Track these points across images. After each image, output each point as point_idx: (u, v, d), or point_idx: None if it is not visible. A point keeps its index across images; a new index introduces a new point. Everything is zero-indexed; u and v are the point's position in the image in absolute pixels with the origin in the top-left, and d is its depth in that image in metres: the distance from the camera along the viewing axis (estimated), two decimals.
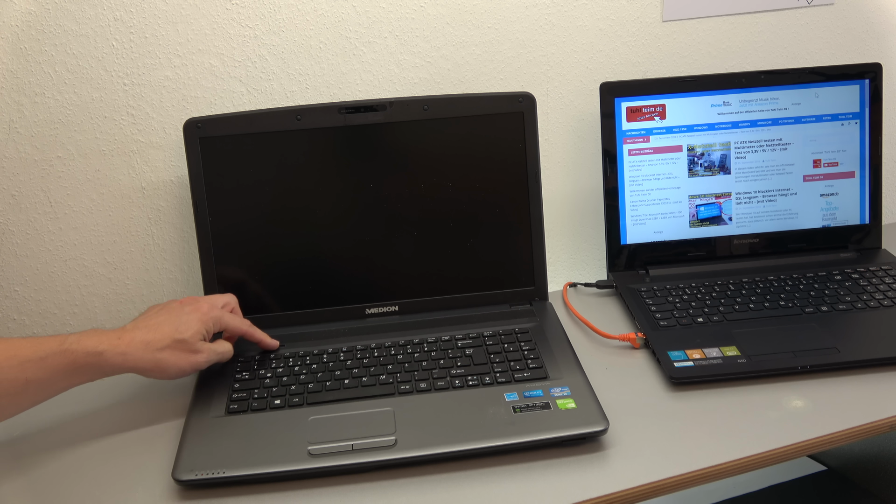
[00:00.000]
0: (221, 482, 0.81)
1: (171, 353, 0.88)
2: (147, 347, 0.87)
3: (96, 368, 0.85)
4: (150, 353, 0.87)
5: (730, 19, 1.24)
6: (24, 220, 1.06)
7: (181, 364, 0.89)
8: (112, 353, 0.85)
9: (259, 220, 1.04)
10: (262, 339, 1.00)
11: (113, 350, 0.85)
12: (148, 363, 0.87)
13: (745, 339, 0.99)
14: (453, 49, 1.15)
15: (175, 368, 0.89)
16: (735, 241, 1.18)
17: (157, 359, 0.87)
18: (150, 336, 0.88)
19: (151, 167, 1.08)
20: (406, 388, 0.92)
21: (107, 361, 0.85)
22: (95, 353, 0.84)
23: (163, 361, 0.88)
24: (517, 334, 1.01)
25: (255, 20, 1.07)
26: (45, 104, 1.02)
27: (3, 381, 0.81)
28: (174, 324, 0.90)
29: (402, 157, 1.05)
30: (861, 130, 1.18)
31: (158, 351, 0.88)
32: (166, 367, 0.88)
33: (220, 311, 0.95)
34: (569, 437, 0.83)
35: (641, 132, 1.15)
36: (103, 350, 0.85)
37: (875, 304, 1.05)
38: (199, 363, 0.91)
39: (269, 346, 1.00)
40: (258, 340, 0.99)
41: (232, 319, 0.96)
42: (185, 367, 0.90)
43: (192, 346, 0.90)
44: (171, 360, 0.88)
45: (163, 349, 0.88)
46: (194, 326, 0.91)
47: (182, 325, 0.90)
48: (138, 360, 0.87)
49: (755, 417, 0.88)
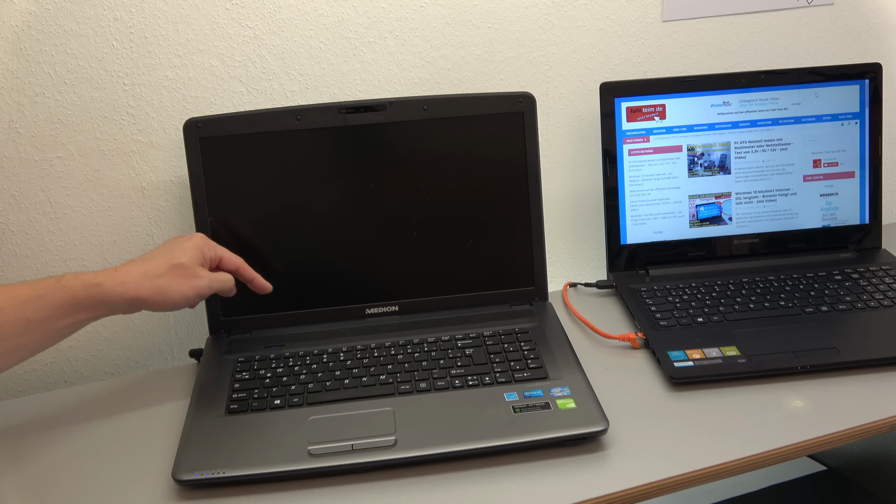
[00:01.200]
0: (221, 482, 0.81)
1: (171, 279, 0.87)
2: (146, 275, 0.86)
3: (97, 301, 0.83)
4: (150, 281, 0.86)
5: (730, 19, 1.24)
6: (24, 220, 1.06)
7: (183, 289, 0.88)
8: (111, 282, 0.84)
9: (259, 220, 1.04)
10: (254, 277, 0.98)
11: (111, 280, 0.84)
12: (149, 290, 0.86)
13: (745, 339, 0.99)
14: (453, 49, 1.15)
15: (177, 293, 0.87)
16: (735, 241, 1.18)
17: (158, 285, 0.86)
18: (147, 265, 0.87)
19: (151, 167, 1.08)
20: (406, 388, 0.92)
21: (106, 292, 0.83)
22: (94, 283, 0.83)
23: (164, 287, 0.86)
24: (517, 334, 1.01)
25: (255, 20, 1.07)
26: (45, 104, 1.02)
27: (4, 322, 0.79)
28: (170, 251, 0.90)
29: (402, 157, 1.05)
30: (861, 130, 1.18)
31: (157, 277, 0.86)
32: (168, 292, 0.87)
33: (213, 243, 0.95)
34: (569, 437, 0.83)
35: (641, 132, 1.15)
36: (101, 281, 0.84)
37: (875, 304, 1.05)
38: (200, 287, 0.89)
39: (262, 287, 0.99)
40: (250, 279, 0.98)
41: (227, 251, 0.96)
42: (186, 292, 0.88)
43: (192, 270, 0.89)
44: (173, 285, 0.87)
45: (162, 275, 0.87)
46: (190, 252, 0.91)
47: (178, 251, 0.90)
48: (139, 288, 0.85)
49: (755, 417, 0.88)
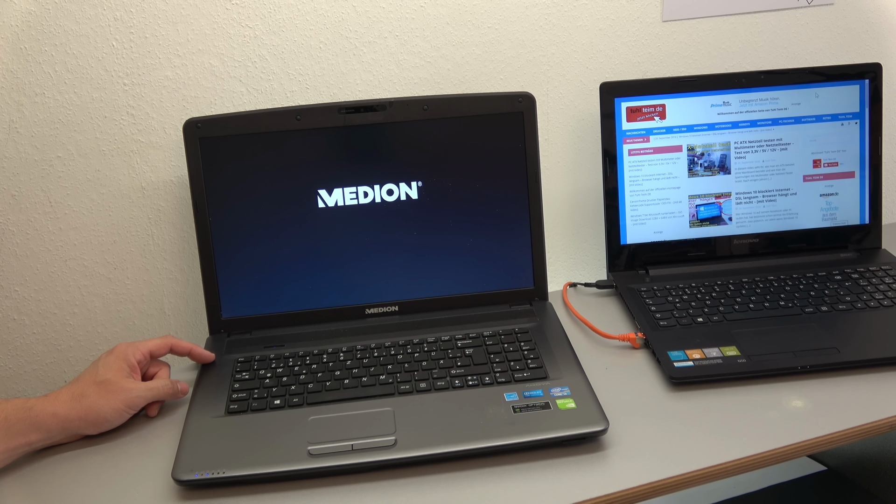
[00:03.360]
0: (221, 482, 0.81)
1: (97, 397, 0.87)
2: (73, 397, 0.86)
3: (29, 424, 0.83)
4: (77, 402, 0.86)
5: (730, 19, 1.24)
6: (24, 220, 1.06)
7: (112, 404, 0.87)
8: (41, 406, 0.84)
9: (259, 219, 1.04)
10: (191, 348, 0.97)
11: (42, 404, 0.84)
12: (78, 412, 0.86)
13: (745, 339, 0.99)
14: (453, 49, 1.15)
15: (108, 409, 0.87)
16: (735, 241, 1.18)
17: (86, 406, 0.86)
18: (73, 388, 0.87)
19: (151, 167, 1.08)
20: (406, 388, 0.92)
21: (38, 415, 0.84)
22: (25, 407, 0.84)
23: (93, 407, 0.86)
24: (517, 334, 1.01)
25: (255, 20, 1.07)
26: (45, 104, 1.02)
27: None
28: (94, 371, 0.89)
29: (402, 157, 1.05)
30: (861, 130, 1.18)
31: (84, 398, 0.86)
32: (97, 410, 0.86)
33: (137, 343, 0.93)
34: (569, 437, 0.83)
35: (641, 132, 1.15)
36: (32, 405, 0.84)
37: (875, 304, 1.05)
38: (130, 399, 0.88)
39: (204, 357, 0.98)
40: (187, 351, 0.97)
41: (152, 341, 0.95)
42: (117, 406, 0.87)
43: (118, 384, 0.88)
44: (101, 402, 0.86)
45: (88, 395, 0.86)
46: (114, 366, 0.89)
47: (101, 369, 0.89)
48: (69, 411, 0.85)
49: (755, 417, 0.88)
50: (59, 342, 1.11)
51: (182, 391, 0.95)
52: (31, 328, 1.10)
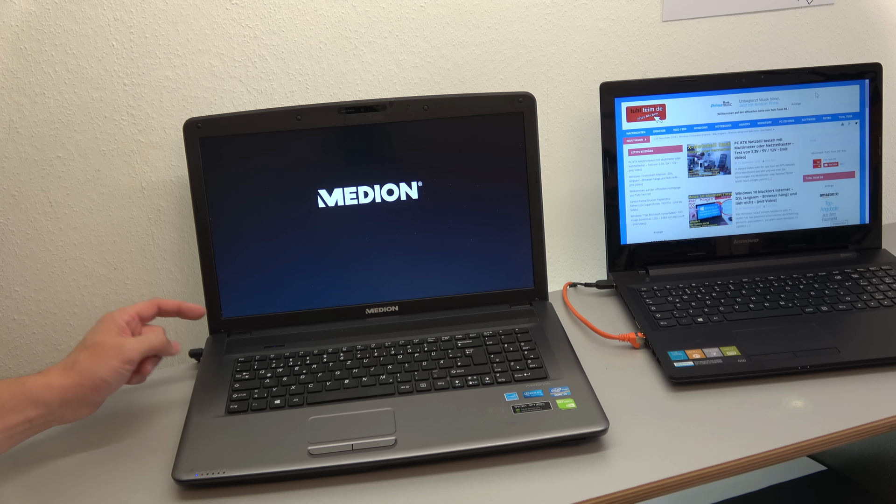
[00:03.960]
0: (221, 482, 0.81)
1: (88, 360, 0.84)
2: (64, 367, 0.84)
3: (24, 399, 0.81)
4: (69, 369, 0.83)
5: (730, 19, 1.24)
6: (24, 220, 1.06)
7: (105, 362, 0.84)
8: (33, 382, 0.82)
9: (259, 219, 1.04)
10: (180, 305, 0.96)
11: (33, 380, 0.82)
12: (72, 377, 0.83)
13: (745, 339, 0.99)
14: (453, 49, 1.15)
15: (103, 368, 0.84)
16: (735, 241, 1.18)
17: (79, 370, 0.83)
18: (65, 360, 0.85)
19: (151, 167, 1.08)
20: (406, 388, 0.92)
21: (31, 388, 0.81)
22: (18, 382, 0.82)
23: (86, 370, 0.83)
24: (517, 334, 1.01)
25: (255, 20, 1.07)
26: (45, 104, 1.02)
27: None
28: (81, 341, 0.87)
29: (402, 157, 1.05)
30: (861, 130, 1.18)
31: (75, 364, 0.84)
32: (91, 371, 0.83)
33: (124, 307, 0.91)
34: (569, 437, 0.83)
35: (641, 132, 1.15)
36: (25, 380, 0.82)
37: (875, 304, 1.05)
38: (125, 352, 0.85)
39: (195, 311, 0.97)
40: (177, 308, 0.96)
41: (140, 304, 0.93)
42: (111, 363, 0.84)
43: (107, 342, 0.85)
44: (93, 363, 0.84)
45: (78, 361, 0.84)
46: (101, 328, 0.87)
47: (88, 336, 0.87)
48: (64, 381, 0.83)
49: (755, 417, 0.88)
50: (59, 342, 1.11)
51: (176, 349, 0.93)
52: (31, 328, 1.10)
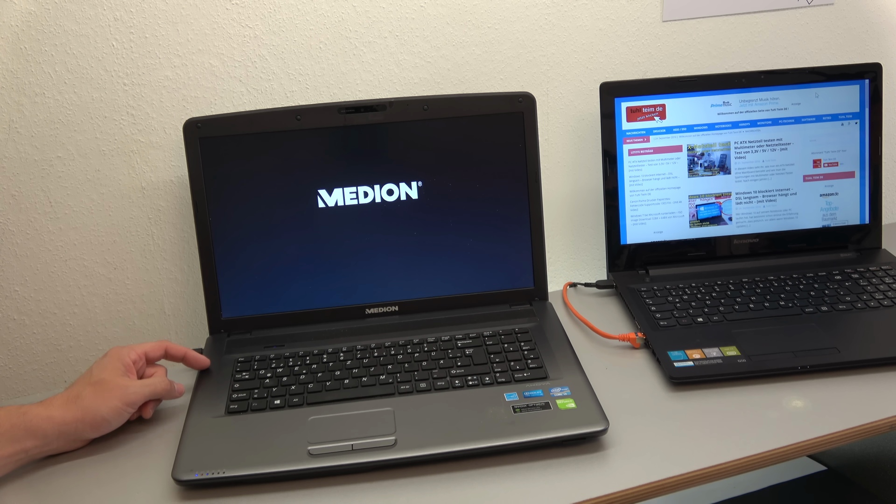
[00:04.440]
0: (221, 482, 0.81)
1: (93, 397, 0.84)
2: (67, 400, 0.84)
3: (23, 430, 0.81)
4: (73, 403, 0.84)
5: (730, 19, 1.24)
6: (24, 220, 1.06)
7: (109, 402, 0.85)
8: (34, 413, 0.82)
9: (259, 220, 1.04)
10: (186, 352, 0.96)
11: (36, 409, 0.82)
12: (74, 413, 0.83)
13: (745, 339, 0.99)
14: (453, 49, 1.15)
15: (105, 407, 0.85)
16: (735, 241, 1.18)
17: (82, 406, 0.84)
18: (68, 392, 0.86)
19: (151, 167, 1.08)
20: (406, 388, 0.92)
21: (32, 419, 0.81)
22: (18, 413, 0.81)
23: (89, 407, 0.84)
24: (517, 334, 1.01)
25: (255, 20, 1.07)
26: (45, 104, 1.02)
27: None
28: (87, 373, 0.88)
29: (402, 157, 1.05)
30: (861, 130, 1.18)
31: (79, 399, 0.84)
32: (94, 409, 0.84)
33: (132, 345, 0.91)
34: (569, 437, 0.83)
35: (641, 132, 1.15)
36: (26, 410, 0.82)
37: (875, 304, 1.05)
38: (127, 395, 0.86)
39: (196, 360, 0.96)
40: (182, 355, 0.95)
41: (148, 344, 0.93)
42: (114, 404, 0.85)
43: (113, 382, 0.86)
44: (97, 401, 0.84)
45: (83, 396, 0.84)
46: (108, 366, 0.88)
47: (95, 370, 0.88)
48: (64, 413, 0.83)
49: (755, 417, 0.88)
50: (59, 342, 1.11)
51: (179, 392, 0.93)
52: (31, 328, 1.10)
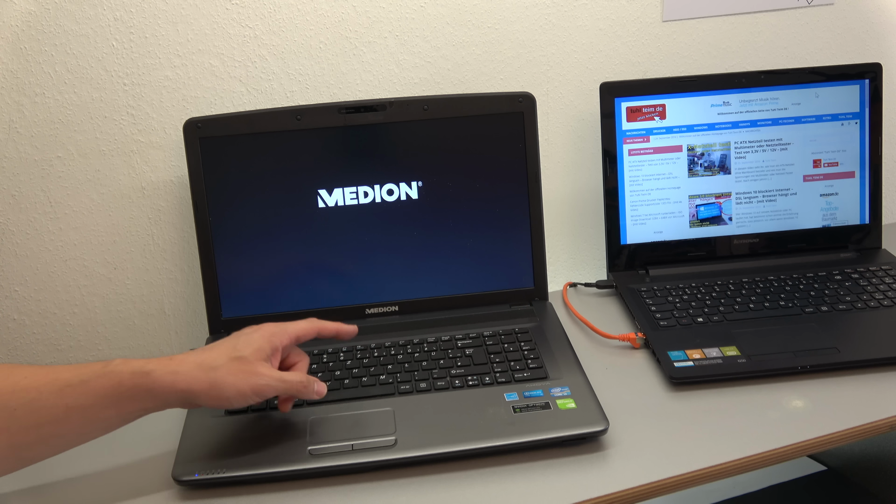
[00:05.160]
0: (221, 482, 0.81)
1: (227, 372, 0.78)
2: (201, 366, 0.78)
3: (145, 391, 0.76)
4: (204, 373, 0.78)
5: (730, 19, 1.24)
6: (24, 220, 1.06)
7: (239, 385, 0.78)
8: (161, 371, 0.77)
9: (259, 219, 1.04)
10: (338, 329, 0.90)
11: (163, 369, 0.77)
12: (202, 383, 0.77)
13: (745, 339, 0.99)
14: (453, 49, 1.15)
15: (232, 389, 0.78)
16: (735, 241, 1.18)
17: (212, 378, 0.78)
18: (204, 355, 0.80)
19: (151, 167, 1.08)
20: (406, 388, 0.92)
21: (156, 381, 0.76)
22: (142, 372, 0.76)
23: (218, 381, 0.78)
24: (517, 334, 1.01)
25: (255, 20, 1.07)
26: (45, 104, 1.02)
27: (42, 407, 0.73)
28: (233, 342, 0.82)
29: (402, 157, 1.05)
30: (861, 130, 1.18)
31: (213, 370, 0.78)
32: (222, 386, 0.78)
33: (285, 325, 0.86)
34: (569, 437, 0.83)
35: (641, 132, 1.15)
36: (151, 369, 0.76)
37: (875, 304, 1.05)
38: (259, 386, 0.80)
39: (349, 332, 0.91)
40: (335, 332, 0.90)
41: (301, 326, 0.87)
42: (243, 388, 0.79)
43: (253, 365, 0.80)
44: (228, 379, 0.78)
45: (218, 367, 0.78)
46: (255, 343, 0.82)
47: (241, 343, 0.82)
48: (192, 380, 0.77)
49: (755, 417, 0.88)
50: (59, 342, 1.11)
51: (319, 392, 0.85)
52: (31, 328, 1.10)
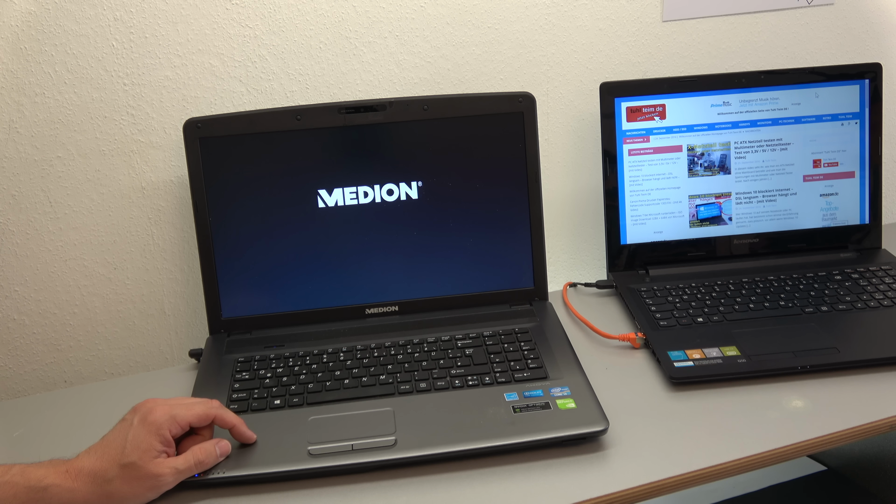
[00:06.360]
0: (221, 482, 0.81)
1: (121, 483, 0.75)
2: (95, 480, 0.75)
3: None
4: (100, 486, 0.75)
5: (730, 19, 1.24)
6: (24, 220, 1.06)
7: (137, 492, 0.76)
8: (59, 488, 0.74)
9: (259, 220, 1.04)
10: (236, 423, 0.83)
11: (60, 485, 0.74)
12: (99, 497, 0.75)
13: (745, 339, 0.99)
14: (453, 49, 1.15)
15: (131, 496, 0.76)
16: (735, 241, 1.18)
17: (108, 492, 0.75)
18: (97, 465, 0.75)
19: (151, 167, 1.08)
20: (406, 388, 0.92)
21: (53, 497, 0.73)
22: (39, 487, 0.73)
23: (115, 493, 0.75)
24: (517, 334, 1.01)
25: (255, 20, 1.07)
26: (45, 104, 1.02)
27: None
28: (120, 445, 0.77)
29: (402, 157, 1.05)
30: (861, 130, 1.18)
31: (107, 482, 0.75)
32: (121, 497, 0.75)
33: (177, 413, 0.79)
34: (569, 437, 0.83)
35: (641, 132, 1.15)
36: (48, 485, 0.73)
37: (875, 304, 1.05)
38: (156, 486, 0.77)
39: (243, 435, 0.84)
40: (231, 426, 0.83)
41: (193, 412, 0.81)
42: (141, 493, 0.76)
43: (144, 469, 0.75)
44: (124, 489, 0.75)
45: (111, 479, 0.75)
46: (144, 443, 0.76)
47: (128, 446, 0.76)
48: (88, 495, 0.74)
49: (755, 417, 0.88)
50: (59, 342, 1.11)
51: (221, 455, 0.81)
52: (31, 328, 1.10)
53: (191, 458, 0.79)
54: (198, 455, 0.79)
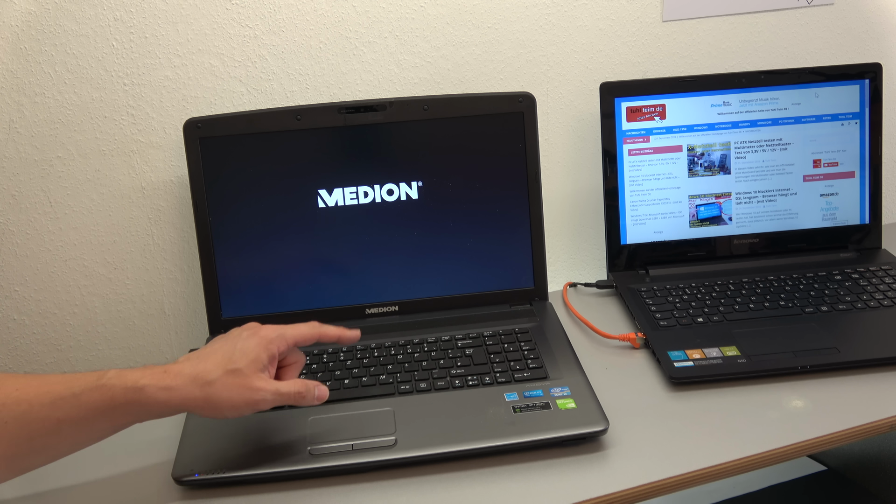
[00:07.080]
0: (221, 482, 0.81)
1: (223, 387, 0.75)
2: (195, 380, 0.74)
3: (139, 406, 0.73)
4: (199, 388, 0.74)
5: (730, 19, 1.24)
6: (24, 220, 1.06)
7: (235, 401, 0.75)
8: (155, 387, 0.73)
9: (259, 219, 1.04)
10: (340, 334, 0.86)
11: (156, 384, 0.73)
12: (196, 399, 0.74)
13: (745, 339, 0.99)
14: (453, 49, 1.15)
15: (228, 405, 0.75)
16: (735, 241, 1.18)
17: (207, 394, 0.74)
18: (199, 367, 0.76)
19: (151, 167, 1.08)
20: (406, 388, 0.92)
21: (150, 397, 0.73)
22: (136, 388, 0.73)
23: (213, 396, 0.74)
24: (517, 334, 1.01)
25: (255, 20, 1.07)
26: (45, 104, 1.02)
27: (34, 420, 0.71)
28: (228, 351, 0.77)
29: (402, 157, 1.05)
30: (861, 130, 1.18)
31: (208, 385, 0.75)
32: (218, 402, 0.75)
33: (285, 331, 0.81)
34: (569, 437, 0.83)
35: (641, 132, 1.15)
36: (145, 385, 0.73)
37: (875, 304, 1.05)
38: (256, 402, 0.77)
39: (351, 338, 0.87)
40: (336, 338, 0.86)
41: (299, 330, 0.82)
42: (239, 405, 0.76)
43: (249, 378, 0.76)
44: (224, 394, 0.75)
45: (213, 382, 0.75)
46: (251, 353, 0.77)
47: (237, 354, 0.77)
48: (186, 396, 0.74)
49: (755, 417, 0.88)
50: (59, 342, 1.11)
51: (319, 398, 0.82)
52: (31, 328, 1.10)
53: (292, 386, 0.80)
54: (299, 387, 0.80)
